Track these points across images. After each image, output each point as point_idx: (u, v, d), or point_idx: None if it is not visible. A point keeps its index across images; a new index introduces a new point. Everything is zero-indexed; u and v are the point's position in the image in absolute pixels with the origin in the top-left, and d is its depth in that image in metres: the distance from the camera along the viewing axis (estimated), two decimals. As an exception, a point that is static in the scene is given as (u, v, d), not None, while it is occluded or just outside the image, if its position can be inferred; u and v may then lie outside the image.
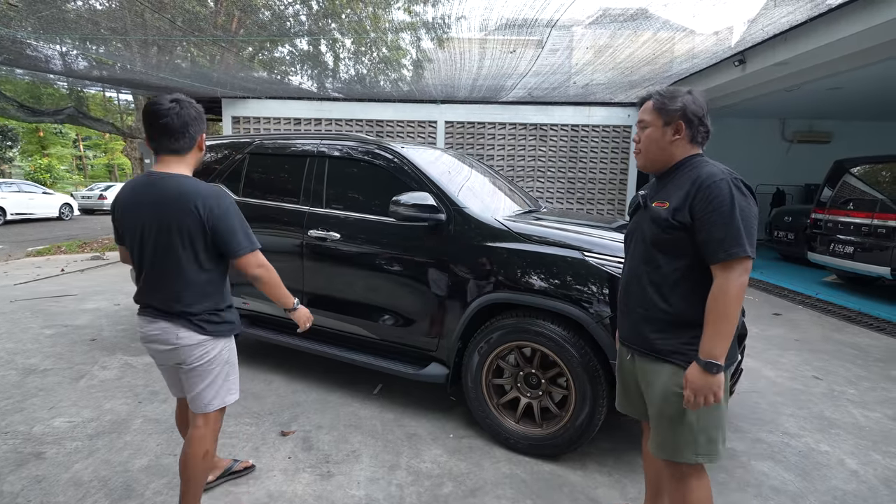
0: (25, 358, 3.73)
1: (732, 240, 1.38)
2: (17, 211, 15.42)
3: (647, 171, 1.66)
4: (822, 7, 4.70)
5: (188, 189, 1.68)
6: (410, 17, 7.17)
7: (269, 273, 1.87)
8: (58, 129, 26.66)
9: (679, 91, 1.56)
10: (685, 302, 1.51)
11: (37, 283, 6.51)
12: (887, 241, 5.69)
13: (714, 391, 1.40)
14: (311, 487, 2.26)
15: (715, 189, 1.41)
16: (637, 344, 1.64)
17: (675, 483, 1.60)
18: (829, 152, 9.30)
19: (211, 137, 4.19)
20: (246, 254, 1.77)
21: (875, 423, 3.03)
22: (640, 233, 1.64)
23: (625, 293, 1.70)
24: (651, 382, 1.60)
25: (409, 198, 2.67)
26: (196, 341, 1.78)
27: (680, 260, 1.51)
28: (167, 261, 1.72)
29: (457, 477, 2.37)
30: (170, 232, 1.68)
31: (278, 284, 1.91)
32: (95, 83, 8.72)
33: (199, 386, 1.83)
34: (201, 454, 1.85)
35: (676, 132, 1.55)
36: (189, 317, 1.76)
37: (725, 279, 1.40)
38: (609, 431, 2.76)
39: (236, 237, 1.73)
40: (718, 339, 1.40)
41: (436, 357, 2.83)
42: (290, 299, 1.98)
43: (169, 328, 1.76)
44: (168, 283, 1.74)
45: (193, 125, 1.75)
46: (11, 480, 2.24)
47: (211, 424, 1.88)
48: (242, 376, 3.40)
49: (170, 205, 1.67)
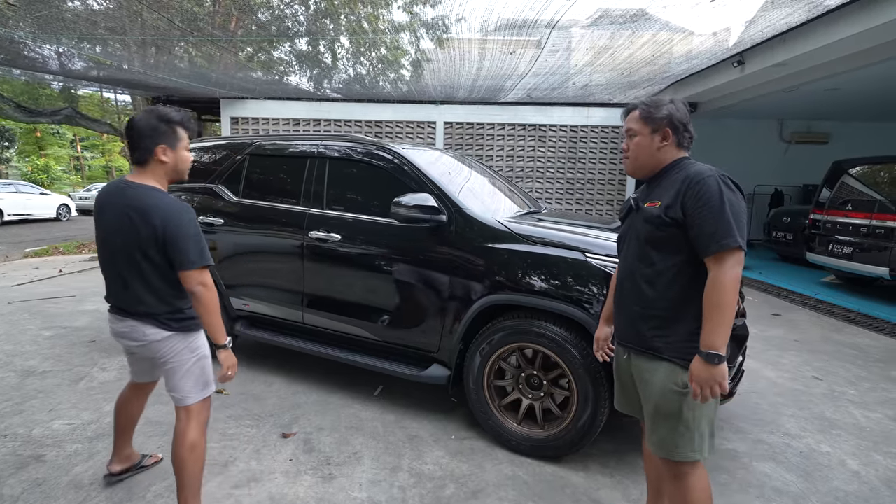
0: (24, 360, 3.71)
1: (723, 232, 1.42)
2: (15, 212, 15.37)
3: (636, 177, 1.74)
4: (820, 8, 4.72)
5: (151, 203, 1.76)
6: (410, 17, 7.16)
7: (209, 295, 1.81)
8: (55, 130, 26.55)
9: (662, 100, 1.65)
10: (680, 299, 1.55)
11: (35, 284, 6.49)
12: (886, 241, 5.70)
13: (719, 381, 1.42)
14: (313, 490, 2.25)
15: (704, 185, 1.47)
16: (633, 342, 1.67)
17: (674, 482, 1.62)
18: (826, 153, 9.32)
19: (210, 138, 4.18)
20: (192, 269, 1.77)
21: (876, 423, 3.03)
22: (633, 233, 1.68)
23: (619, 292, 1.74)
24: (647, 380, 1.62)
25: (410, 199, 2.67)
26: (162, 337, 1.85)
27: (674, 256, 1.55)
28: (130, 268, 1.81)
29: (459, 479, 2.37)
30: (131, 242, 1.77)
31: (215, 311, 1.83)
32: (93, 83, 8.70)
33: (173, 380, 1.89)
34: (188, 447, 1.87)
35: (664, 139, 1.62)
36: (154, 316, 1.84)
37: (719, 271, 1.44)
38: (611, 433, 2.76)
39: (187, 252, 1.76)
40: (718, 330, 1.43)
41: (437, 358, 2.82)
42: (223, 334, 1.87)
43: (137, 326, 1.85)
44: (131, 288, 1.83)
45: (148, 137, 1.79)
46: (11, 483, 2.22)
47: (194, 417, 1.91)
48: (242, 379, 3.42)
49: (132, 216, 1.76)
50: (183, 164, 1.89)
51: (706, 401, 1.46)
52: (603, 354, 1.96)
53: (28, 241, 11.30)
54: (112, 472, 2.22)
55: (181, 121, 1.86)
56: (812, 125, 11.43)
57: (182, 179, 1.95)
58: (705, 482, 1.61)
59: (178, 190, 3.83)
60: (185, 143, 1.89)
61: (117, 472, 2.22)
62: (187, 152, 1.90)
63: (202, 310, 1.82)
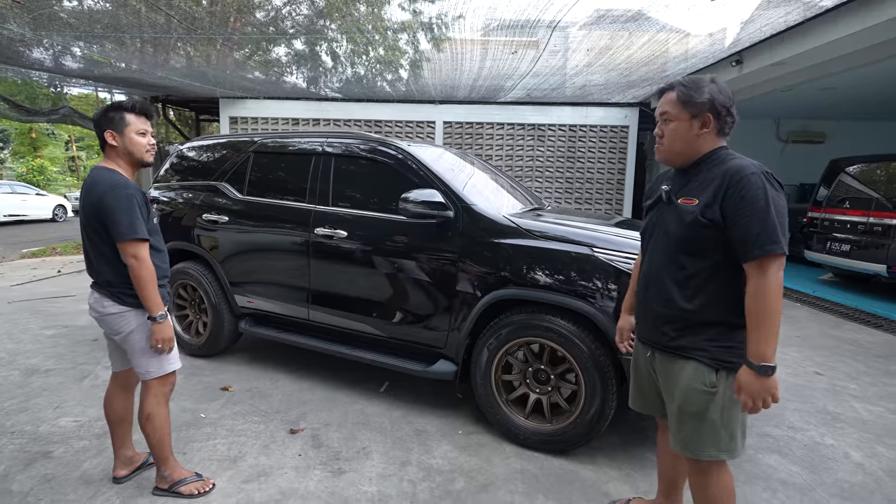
0: (26, 358, 3.69)
1: (768, 236, 1.33)
2: (10, 213, 15.27)
3: (670, 165, 1.61)
4: (815, 9, 4.76)
5: (96, 179, 1.94)
6: (411, 15, 7.16)
7: (141, 267, 1.90)
8: (50, 131, 26.39)
9: (703, 80, 1.49)
10: (710, 301, 1.48)
11: (34, 284, 6.45)
12: (883, 238, 5.76)
13: (772, 393, 1.36)
14: (324, 484, 2.26)
15: (748, 183, 1.36)
16: (657, 341, 1.61)
17: (697, 477, 1.60)
18: (823, 153, 9.39)
19: (213, 136, 4.18)
20: (123, 241, 1.88)
21: (877, 417, 3.07)
22: (661, 228, 1.59)
23: (644, 291, 1.66)
24: (672, 379, 1.57)
25: (417, 195, 2.68)
26: (117, 311, 1.98)
27: (706, 259, 1.47)
28: (88, 240, 1.99)
29: (468, 472, 2.38)
30: (85, 216, 1.96)
31: (146, 285, 1.91)
32: (90, 83, 8.65)
33: (132, 355, 2.02)
34: (144, 416, 2.05)
35: (704, 125, 1.48)
36: (109, 288, 1.98)
37: (763, 277, 1.35)
38: (618, 426, 2.77)
39: (118, 225, 1.87)
40: (767, 340, 1.35)
41: (444, 354, 2.83)
42: (156, 306, 1.94)
43: (98, 298, 2.01)
44: (92, 259, 2.02)
45: (99, 125, 1.97)
46: (20, 480, 2.22)
47: (151, 391, 2.05)
48: (248, 375, 3.43)
49: (85, 194, 1.95)
50: (133, 147, 1.99)
51: (757, 412, 1.39)
52: (626, 346, 1.90)
53: (24, 241, 11.23)
54: (118, 477, 2.22)
55: (130, 107, 1.97)
56: (808, 125, 11.52)
57: (144, 163, 2.03)
58: (729, 482, 1.58)
59: (182, 188, 3.84)
60: (136, 128, 1.98)
61: (123, 476, 2.23)
62: (138, 136, 1.99)
63: (134, 282, 1.91)
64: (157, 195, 3.91)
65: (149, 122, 2.02)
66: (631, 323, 1.86)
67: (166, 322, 1.97)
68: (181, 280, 3.69)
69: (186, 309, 3.80)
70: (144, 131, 2.00)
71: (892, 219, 5.69)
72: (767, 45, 5.74)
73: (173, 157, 4.06)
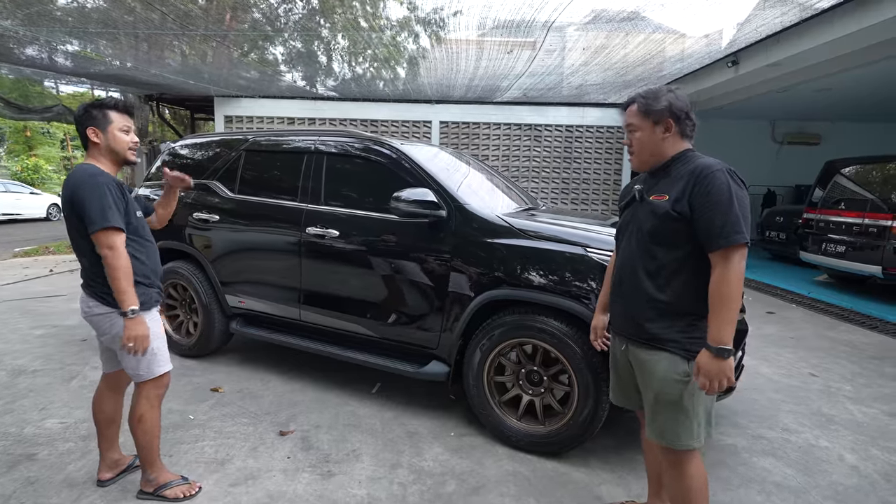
0: (14, 358, 3.64)
1: (732, 227, 1.42)
2: (4, 211, 15.15)
3: (643, 171, 1.72)
4: (811, 10, 4.76)
5: (72, 174, 1.92)
6: (408, 10, 7.12)
7: (114, 257, 1.82)
8: (45, 129, 26.23)
9: (660, 90, 1.62)
10: (681, 291, 1.56)
11: (25, 283, 6.39)
12: (878, 240, 5.76)
13: (728, 374, 1.43)
14: (312, 487, 2.22)
15: (713, 179, 1.46)
16: (631, 333, 1.67)
17: (673, 469, 1.64)
18: (818, 154, 9.42)
19: (204, 135, 4.14)
20: (94, 230, 1.83)
21: (872, 419, 3.05)
22: (635, 225, 1.67)
23: (618, 284, 1.73)
24: (648, 370, 1.62)
25: (409, 194, 2.65)
26: (102, 312, 1.94)
27: (677, 250, 1.55)
28: (71, 238, 1.96)
29: (459, 475, 2.34)
30: (66, 214, 1.93)
31: (121, 276, 1.83)
32: (84, 81, 8.59)
33: (122, 357, 1.99)
34: (136, 418, 2.03)
35: (666, 129, 1.60)
36: (93, 288, 1.95)
37: (725, 266, 1.44)
38: (611, 428, 2.75)
39: (90, 213, 1.82)
40: (725, 325, 1.43)
41: (436, 355, 2.80)
42: (129, 301, 1.84)
43: (85, 298, 1.99)
44: (78, 257, 1.98)
45: (81, 123, 1.95)
46: (3, 483, 2.17)
47: (143, 393, 2.03)
48: (238, 376, 3.39)
49: (63, 190, 1.93)
50: (115, 144, 1.96)
51: (713, 393, 1.46)
52: (600, 343, 1.95)
53: (17, 240, 11.14)
54: (102, 480, 2.18)
55: (112, 105, 1.96)
56: (804, 126, 11.56)
57: (127, 161, 2.01)
58: (702, 469, 1.64)
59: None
60: (119, 125, 1.96)
61: (107, 479, 2.19)
62: (121, 133, 1.96)
63: (108, 273, 1.84)
64: (149, 193, 3.87)
65: (131, 119, 2.00)
66: (604, 322, 1.94)
67: (138, 318, 1.86)
68: (171, 279, 3.64)
69: (177, 309, 3.75)
70: (127, 128, 1.98)
71: (888, 220, 5.69)
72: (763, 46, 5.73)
73: (165, 155, 4.02)
